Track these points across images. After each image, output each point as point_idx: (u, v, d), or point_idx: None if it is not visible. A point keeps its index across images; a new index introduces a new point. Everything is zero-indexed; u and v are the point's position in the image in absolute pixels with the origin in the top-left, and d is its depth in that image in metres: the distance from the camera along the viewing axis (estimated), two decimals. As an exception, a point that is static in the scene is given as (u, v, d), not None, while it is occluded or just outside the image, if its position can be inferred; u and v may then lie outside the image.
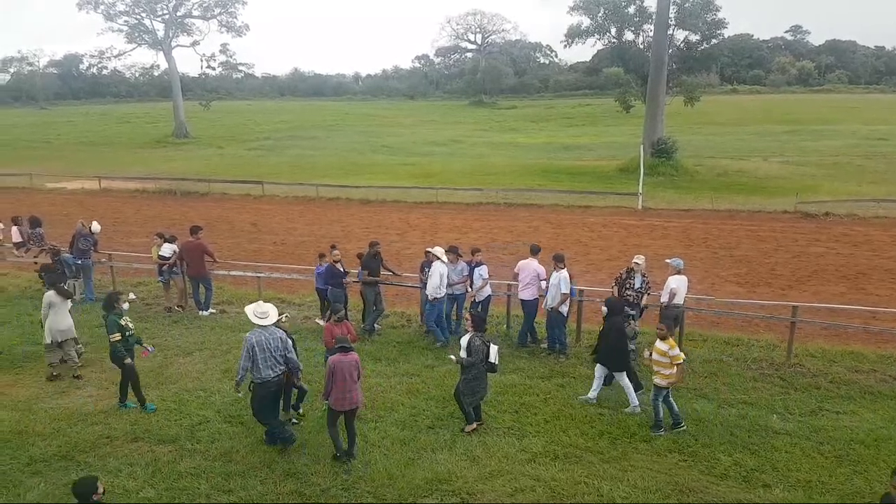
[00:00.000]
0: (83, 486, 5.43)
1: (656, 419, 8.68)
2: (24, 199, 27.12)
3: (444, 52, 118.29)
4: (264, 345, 7.96)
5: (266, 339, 8.00)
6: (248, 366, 7.93)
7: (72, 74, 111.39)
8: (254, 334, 8.02)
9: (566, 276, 11.04)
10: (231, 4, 59.18)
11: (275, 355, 8.02)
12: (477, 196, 27.55)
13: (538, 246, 11.99)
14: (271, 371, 8.00)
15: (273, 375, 8.03)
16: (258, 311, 8.16)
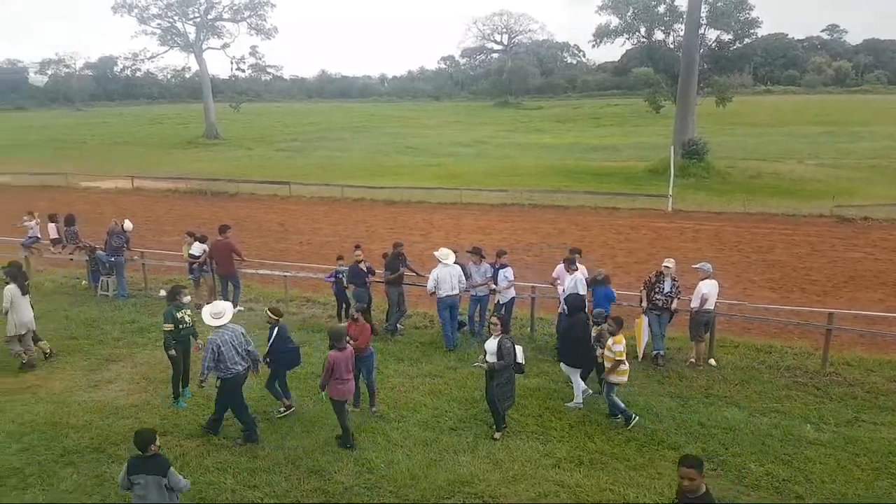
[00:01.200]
0: (143, 437, 5.95)
1: (617, 411, 8.80)
2: (60, 198, 27.74)
3: (469, 53, 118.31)
4: (229, 343, 8.25)
5: (230, 337, 8.30)
6: (212, 366, 8.16)
7: (106, 76, 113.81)
8: (217, 335, 8.26)
9: (581, 277, 10.96)
10: (260, 7, 59.88)
11: (239, 350, 8.35)
12: (501, 197, 27.43)
13: (577, 249, 11.84)
14: (239, 366, 8.32)
15: (241, 369, 8.36)
16: (214, 312, 8.44)
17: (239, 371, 8.31)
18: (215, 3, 58.42)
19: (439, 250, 11.92)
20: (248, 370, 8.58)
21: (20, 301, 10.50)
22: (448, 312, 11.58)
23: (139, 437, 5.98)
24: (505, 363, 8.29)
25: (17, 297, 10.47)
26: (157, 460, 5.96)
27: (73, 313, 13.37)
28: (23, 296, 10.56)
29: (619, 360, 8.70)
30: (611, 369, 8.78)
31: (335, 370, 8.07)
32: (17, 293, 10.47)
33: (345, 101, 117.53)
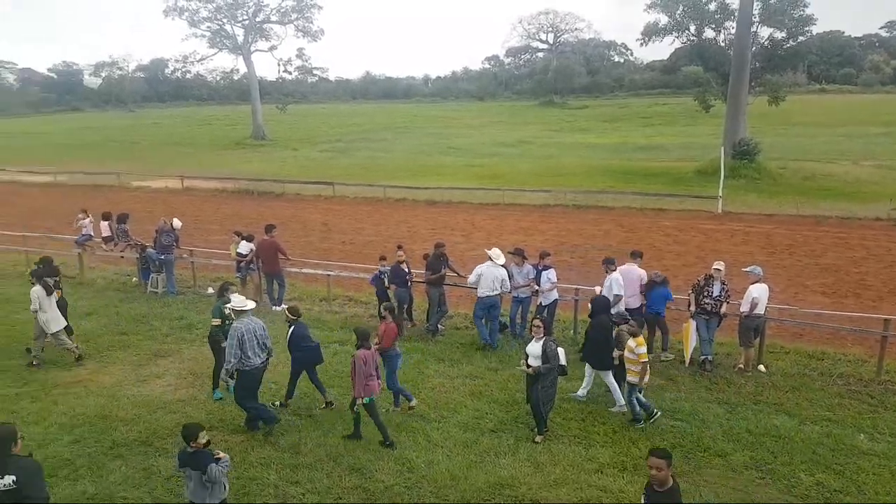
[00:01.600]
0: (187, 431, 6.14)
1: (634, 414, 8.80)
2: (113, 197, 28.64)
3: (514, 53, 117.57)
4: (252, 332, 8.38)
5: (253, 327, 8.44)
6: (238, 353, 8.27)
7: (158, 78, 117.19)
8: (241, 324, 8.41)
9: (618, 277, 10.85)
10: (307, 9, 60.70)
11: (259, 342, 8.46)
12: (545, 198, 27.14)
13: (639, 251, 11.62)
14: (258, 359, 8.43)
15: (259, 362, 8.46)
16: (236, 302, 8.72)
17: (257, 364, 8.43)
18: (263, 6, 59.49)
19: (492, 249, 11.87)
20: (266, 363, 8.69)
21: (46, 301, 10.79)
22: (486, 312, 11.56)
23: (184, 431, 6.16)
24: (550, 366, 8.21)
25: (43, 298, 10.77)
26: (200, 456, 6.08)
27: (124, 309, 13.78)
28: (48, 296, 10.84)
29: (646, 362, 8.65)
30: (642, 373, 8.67)
31: (365, 369, 8.14)
32: (43, 294, 10.76)
33: (388, 102, 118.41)
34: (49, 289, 10.87)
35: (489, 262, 11.58)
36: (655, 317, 11.15)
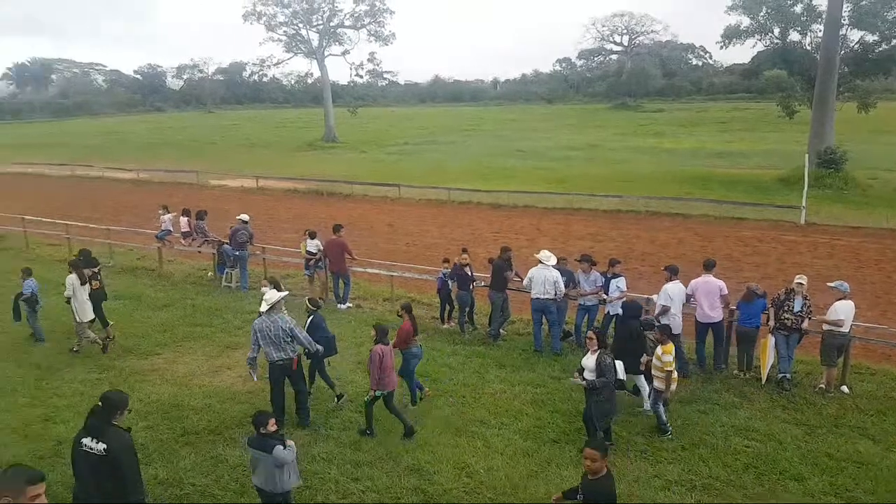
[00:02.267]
0: (260, 417, 6.35)
1: (659, 423, 8.67)
2: (192, 195, 29.85)
3: (587, 55, 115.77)
4: (266, 332, 8.45)
5: (268, 326, 8.45)
6: (255, 348, 8.55)
7: (236, 81, 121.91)
8: (258, 322, 8.59)
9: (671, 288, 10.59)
10: (380, 14, 61.70)
11: (276, 342, 8.45)
12: (615, 203, 26.51)
13: (712, 260, 11.18)
14: (273, 356, 8.49)
15: (276, 359, 8.49)
16: (265, 298, 8.71)
17: (274, 360, 8.52)
18: (338, 11, 60.91)
19: (541, 251, 11.77)
20: (288, 362, 8.58)
21: (79, 290, 11.22)
22: (539, 315, 11.43)
23: (256, 417, 6.40)
24: (606, 380, 7.94)
25: (77, 286, 11.19)
26: (267, 439, 6.26)
27: (199, 302, 14.29)
28: (82, 285, 11.26)
29: (670, 371, 8.56)
30: (667, 382, 8.59)
31: (383, 363, 8.34)
32: (77, 282, 11.18)
33: (456, 105, 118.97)
34: (83, 278, 11.32)
35: (540, 265, 11.44)
36: (755, 330, 10.59)
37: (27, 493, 3.57)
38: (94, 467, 4.99)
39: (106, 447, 5.01)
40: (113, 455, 5.00)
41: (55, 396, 9.58)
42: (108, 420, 5.18)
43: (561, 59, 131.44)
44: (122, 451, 5.07)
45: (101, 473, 4.97)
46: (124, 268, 17.25)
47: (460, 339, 12.24)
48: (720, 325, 10.73)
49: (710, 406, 9.51)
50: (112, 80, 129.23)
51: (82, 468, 5.08)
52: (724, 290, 10.67)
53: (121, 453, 5.05)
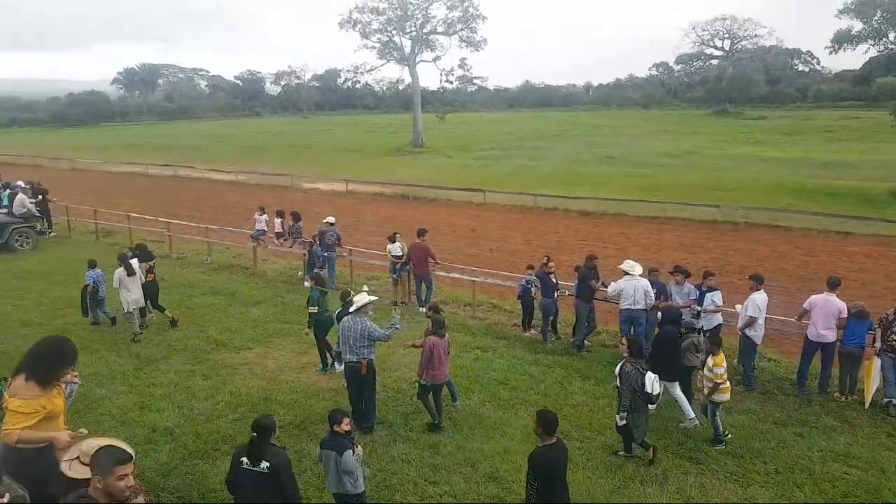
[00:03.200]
0: (335, 415, 6.40)
1: (715, 434, 8.48)
2: (286, 197, 30.97)
3: (685, 60, 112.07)
4: (346, 333, 8.63)
5: (348, 326, 8.65)
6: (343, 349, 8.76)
7: (330, 87, 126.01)
8: (344, 320, 8.85)
9: (758, 298, 10.16)
10: (472, 20, 62.07)
11: (351, 343, 8.56)
12: (712, 213, 25.33)
13: (837, 279, 10.50)
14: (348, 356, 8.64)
15: (349, 359, 8.62)
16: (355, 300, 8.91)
17: (346, 360, 8.71)
18: (431, 18, 61.74)
19: (625, 262, 11.44)
20: (357, 365, 8.61)
21: (127, 281, 11.90)
22: (628, 326, 11.07)
23: (331, 415, 6.44)
24: (624, 389, 7.81)
25: (124, 278, 11.89)
26: (339, 440, 6.28)
27: (288, 300, 14.77)
28: (128, 276, 11.94)
29: (719, 383, 8.35)
30: (711, 391, 8.40)
31: (434, 354, 8.56)
32: (124, 274, 11.89)
33: (546, 110, 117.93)
34: (130, 269, 11.99)
35: (626, 276, 11.09)
36: (860, 351, 9.90)
37: (115, 473, 3.73)
38: (256, 484, 5.38)
39: (268, 465, 5.38)
40: (274, 471, 5.38)
41: (152, 386, 10.12)
42: (266, 442, 5.53)
43: (658, 63, 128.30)
44: (282, 467, 5.44)
45: (262, 489, 5.36)
46: (221, 265, 18.09)
47: (542, 347, 12.04)
48: (831, 347, 10.06)
49: (808, 429, 8.95)
50: (214, 84, 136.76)
51: (244, 485, 5.48)
52: (844, 312, 9.95)
53: (281, 470, 5.42)
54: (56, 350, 4.44)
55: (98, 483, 3.71)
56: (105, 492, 3.71)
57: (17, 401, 4.29)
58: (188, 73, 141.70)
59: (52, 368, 4.34)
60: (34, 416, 4.29)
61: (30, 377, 4.29)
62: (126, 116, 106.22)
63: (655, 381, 7.94)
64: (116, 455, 3.82)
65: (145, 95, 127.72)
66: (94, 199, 26.75)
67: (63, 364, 4.46)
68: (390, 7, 60.64)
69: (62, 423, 4.51)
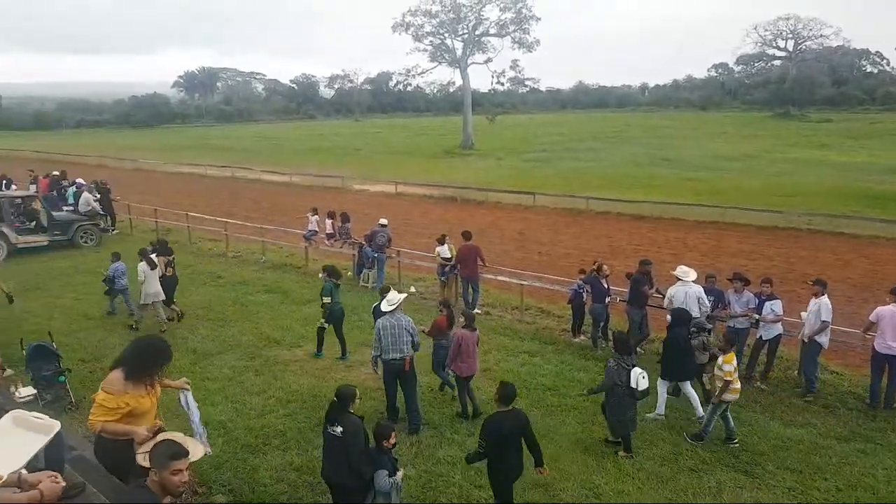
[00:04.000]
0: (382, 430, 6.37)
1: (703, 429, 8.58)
2: (336, 198, 31.36)
3: (746, 60, 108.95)
4: (389, 331, 8.71)
5: (391, 325, 8.72)
6: (378, 347, 8.82)
7: (382, 90, 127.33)
8: (383, 320, 8.85)
9: (827, 303, 9.81)
10: (525, 21, 61.74)
11: (396, 342, 8.70)
12: (774, 219, 24.42)
13: None
14: (391, 354, 8.69)
15: (395, 357, 8.68)
16: (389, 299, 8.98)
17: (388, 359, 8.71)
18: (483, 20, 61.70)
19: (678, 267, 11.13)
20: (400, 362, 8.70)
21: (150, 275, 12.43)
22: None
23: (377, 429, 6.32)
24: (603, 384, 8.14)
25: (147, 272, 12.41)
26: (381, 456, 6.23)
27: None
28: (151, 270, 12.45)
29: (729, 381, 8.28)
30: (721, 390, 8.36)
31: (462, 347, 8.84)
32: (147, 268, 12.41)
33: (600, 112, 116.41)
34: (152, 264, 12.54)
35: (679, 283, 10.79)
36: None
37: (170, 467, 3.81)
38: (334, 446, 6.15)
39: (342, 430, 6.05)
40: (346, 436, 6.04)
41: (206, 380, 10.37)
42: (343, 409, 6.19)
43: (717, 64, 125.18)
44: (352, 433, 6.08)
45: (338, 450, 6.12)
46: (274, 264, 18.45)
47: (592, 354, 11.83)
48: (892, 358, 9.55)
49: (872, 446, 8.56)
50: (270, 88, 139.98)
51: (328, 447, 6.27)
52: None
53: (351, 435, 6.06)
54: (149, 350, 4.69)
55: (154, 476, 3.81)
56: (160, 485, 3.80)
57: (103, 394, 4.57)
58: (246, 77, 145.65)
59: (144, 367, 4.57)
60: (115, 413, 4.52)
61: (122, 373, 4.53)
62: (186, 119, 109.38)
63: (641, 377, 7.94)
64: (173, 449, 3.91)
65: (204, 98, 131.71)
66: (155, 199, 27.70)
67: (154, 364, 4.69)
68: (443, 10, 60.93)
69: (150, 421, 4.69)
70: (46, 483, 3.88)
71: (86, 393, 9.64)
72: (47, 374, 9.22)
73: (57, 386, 9.26)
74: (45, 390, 9.04)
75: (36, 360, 9.22)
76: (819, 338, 9.95)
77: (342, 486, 6.27)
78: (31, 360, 9.20)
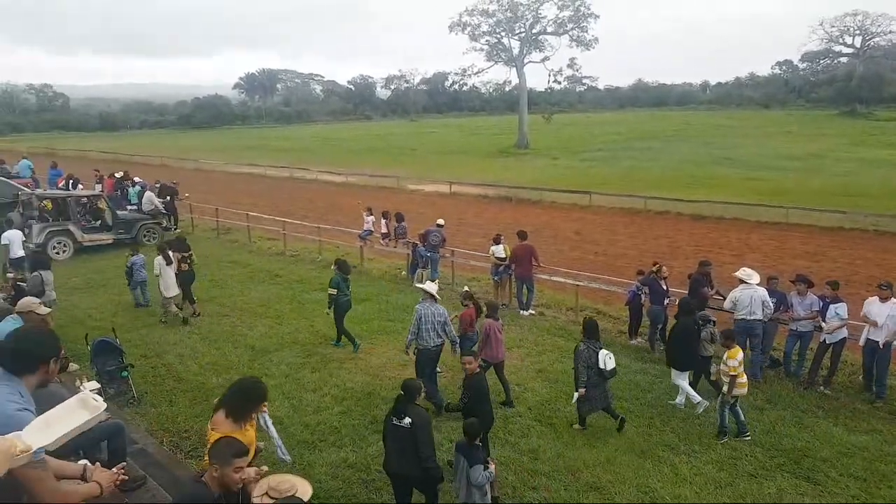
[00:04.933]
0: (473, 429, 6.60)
1: (720, 426, 8.65)
2: (391, 198, 31.65)
3: (811, 58, 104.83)
4: (429, 317, 9.25)
5: (431, 313, 9.28)
6: (415, 332, 9.32)
7: (438, 90, 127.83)
8: (422, 307, 9.35)
9: None
10: (584, 19, 60.92)
11: (435, 327, 9.25)
12: (839, 219, 23.47)
13: None
14: (431, 342, 9.24)
15: (432, 345, 9.24)
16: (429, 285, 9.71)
17: (429, 346, 9.22)
18: (541, 18, 61.20)
19: (741, 269, 10.84)
20: (441, 347, 9.36)
21: (166, 270, 12.86)
22: (743, 338, 10.41)
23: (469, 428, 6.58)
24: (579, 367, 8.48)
25: (164, 267, 12.85)
26: (474, 451, 6.49)
27: (392, 298, 15.12)
28: (167, 265, 12.88)
29: (734, 375, 8.48)
30: (730, 386, 8.50)
31: (490, 336, 9.32)
32: (163, 263, 12.86)
33: (659, 110, 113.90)
34: (168, 259, 12.98)
35: (743, 285, 10.49)
36: None
37: (233, 465, 3.95)
38: (401, 438, 6.34)
39: (410, 422, 6.27)
40: (415, 428, 6.24)
41: (264, 376, 10.56)
42: (410, 401, 6.46)
43: (781, 61, 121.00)
44: (421, 425, 6.29)
45: (405, 442, 6.31)
46: (330, 263, 18.68)
47: (649, 356, 11.62)
48: None
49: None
50: (328, 89, 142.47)
51: (392, 439, 6.46)
52: None
53: (420, 426, 6.27)
54: (248, 393, 5.11)
55: (215, 472, 3.94)
56: (220, 481, 3.94)
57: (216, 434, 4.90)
58: (304, 79, 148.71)
59: (244, 408, 5.00)
60: None
61: (227, 414, 4.95)
62: (246, 120, 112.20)
63: (608, 357, 8.54)
64: (236, 447, 4.05)
65: (264, 100, 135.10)
66: (215, 198, 28.62)
67: (253, 405, 5.14)
68: (500, 9, 60.75)
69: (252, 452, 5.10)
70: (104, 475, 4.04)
71: (147, 388, 10.10)
72: (111, 368, 9.55)
73: (119, 381, 9.60)
74: (108, 385, 9.35)
75: (100, 356, 9.55)
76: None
77: (410, 478, 6.44)
78: (96, 356, 9.54)
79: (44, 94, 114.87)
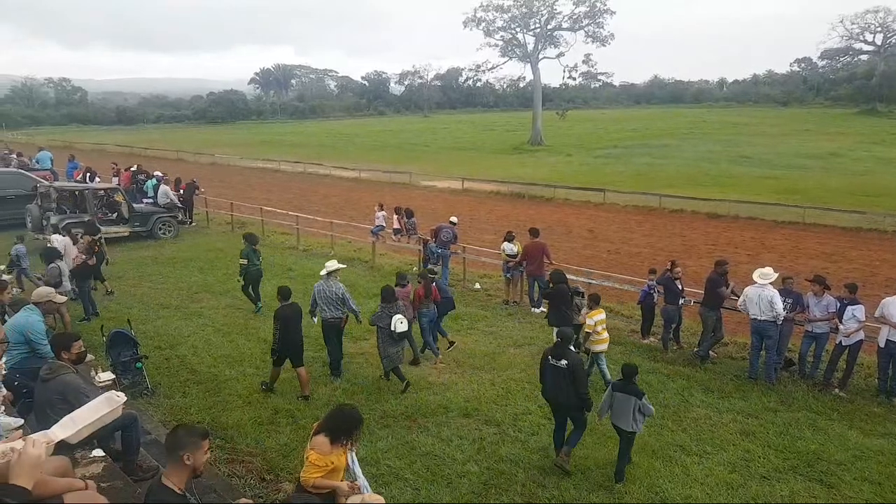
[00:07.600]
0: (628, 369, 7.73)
1: (605, 381, 9.78)
2: (404, 193, 31.71)
3: (830, 55, 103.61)
4: (322, 293, 10.30)
5: (323, 288, 10.31)
6: (313, 306, 10.39)
7: (451, 86, 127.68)
8: (318, 285, 10.42)
9: None
10: (599, 15, 60.55)
11: (329, 302, 10.25)
12: (857, 220, 23.19)
13: None
14: (326, 313, 10.28)
15: (328, 316, 10.26)
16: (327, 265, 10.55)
17: (326, 317, 10.25)
18: (556, 13, 60.90)
19: (759, 270, 10.73)
20: (337, 321, 10.32)
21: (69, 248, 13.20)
22: (758, 339, 10.42)
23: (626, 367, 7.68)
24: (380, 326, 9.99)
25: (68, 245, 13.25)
26: (633, 387, 7.49)
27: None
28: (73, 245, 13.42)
29: (589, 332, 10.15)
30: (586, 338, 10.21)
31: None
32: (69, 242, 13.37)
33: (675, 107, 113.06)
34: (74, 239, 13.65)
35: (754, 284, 10.43)
36: None
37: (203, 447, 3.96)
38: (560, 376, 7.67)
39: (567, 363, 7.60)
40: (571, 367, 7.59)
41: (276, 368, 10.71)
42: (566, 346, 7.81)
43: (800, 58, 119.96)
44: (576, 364, 7.69)
45: (563, 378, 7.64)
46: (342, 258, 18.73)
47: (662, 356, 11.54)
48: None
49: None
50: (342, 85, 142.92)
51: (551, 375, 7.77)
52: None
53: (576, 366, 7.66)
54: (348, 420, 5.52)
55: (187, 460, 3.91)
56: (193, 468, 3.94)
57: (315, 454, 5.31)
58: (319, 74, 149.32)
59: (344, 433, 5.43)
60: (324, 469, 5.31)
61: (326, 437, 5.37)
62: (261, 115, 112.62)
63: (399, 321, 9.88)
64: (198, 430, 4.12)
65: (279, 95, 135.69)
66: (230, 193, 28.79)
67: (353, 430, 5.52)
68: (515, 4, 60.50)
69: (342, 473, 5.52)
70: None
71: (161, 379, 10.17)
72: (125, 359, 9.64)
73: (134, 372, 9.68)
74: (122, 375, 9.46)
75: (115, 347, 9.63)
76: None
77: (567, 405, 7.79)
78: (111, 347, 9.63)
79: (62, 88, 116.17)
